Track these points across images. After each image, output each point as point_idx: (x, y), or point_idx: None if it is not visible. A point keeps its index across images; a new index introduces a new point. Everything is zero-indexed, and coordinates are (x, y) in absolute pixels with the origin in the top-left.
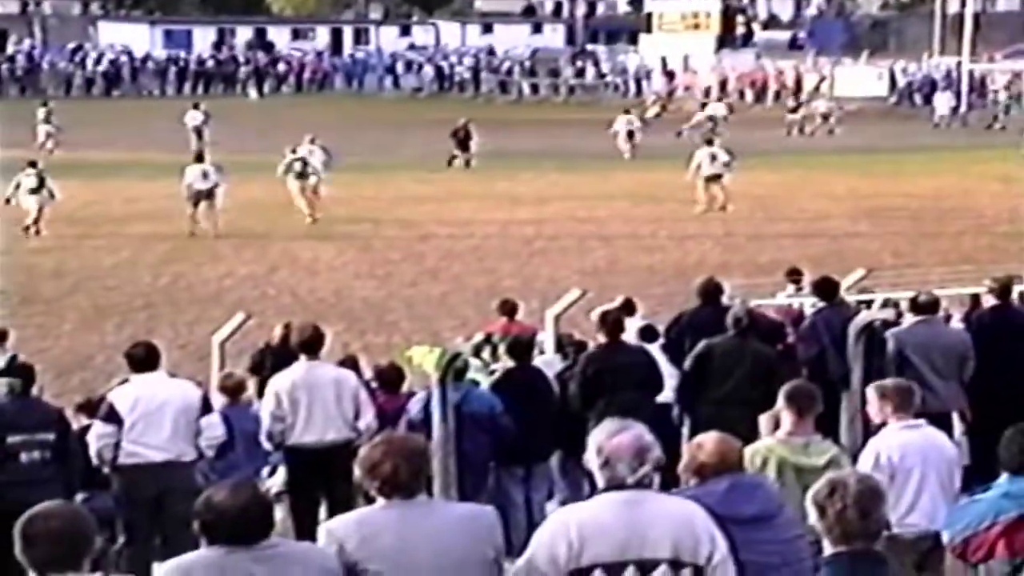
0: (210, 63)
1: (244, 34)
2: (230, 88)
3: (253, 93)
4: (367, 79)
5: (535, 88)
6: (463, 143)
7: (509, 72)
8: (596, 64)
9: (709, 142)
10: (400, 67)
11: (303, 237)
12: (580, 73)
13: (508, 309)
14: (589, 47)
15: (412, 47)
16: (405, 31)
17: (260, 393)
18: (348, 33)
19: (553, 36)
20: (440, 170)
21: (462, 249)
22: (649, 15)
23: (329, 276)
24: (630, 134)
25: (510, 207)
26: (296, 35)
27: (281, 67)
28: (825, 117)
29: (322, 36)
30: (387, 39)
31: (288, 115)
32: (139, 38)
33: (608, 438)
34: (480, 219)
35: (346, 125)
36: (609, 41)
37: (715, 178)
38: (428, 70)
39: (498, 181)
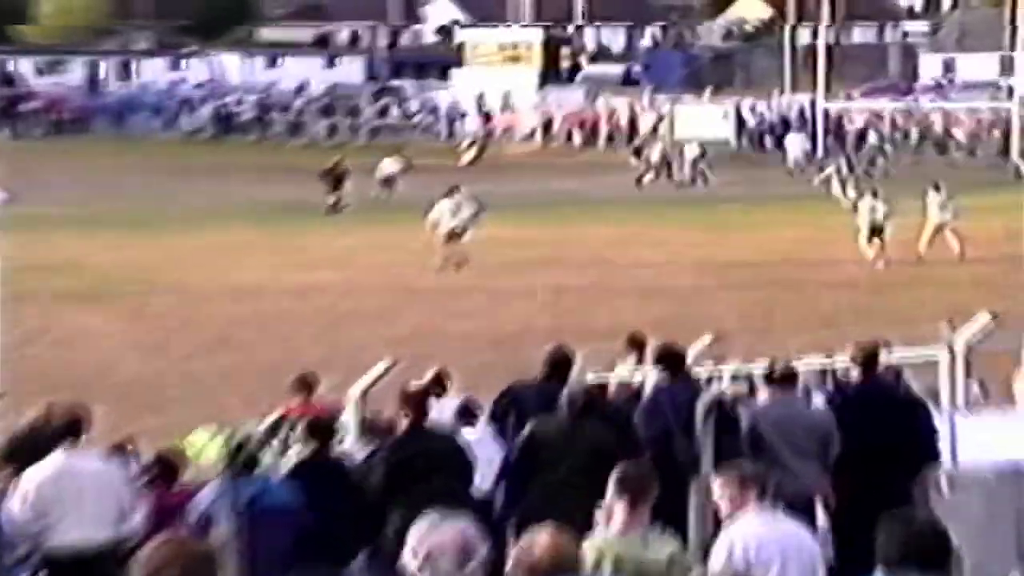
0: None
1: None
2: None
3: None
4: (133, 119)
5: (332, 129)
6: (337, 183)
7: (301, 112)
8: (402, 102)
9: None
10: (172, 106)
11: (64, 302)
12: (383, 112)
13: (305, 385)
14: (394, 82)
15: (184, 82)
16: (176, 64)
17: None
18: (110, 67)
19: (351, 70)
20: (225, 224)
21: (250, 315)
22: (461, 46)
23: (95, 347)
24: (387, 180)
25: (307, 267)
26: (44, 70)
27: (32, 104)
28: (695, 162)
29: (77, 70)
30: (155, 73)
31: (39, 160)
32: None
33: (428, 533)
34: (272, 280)
35: (110, 172)
36: (417, 76)
37: (457, 236)
38: (205, 109)
39: (292, 237)
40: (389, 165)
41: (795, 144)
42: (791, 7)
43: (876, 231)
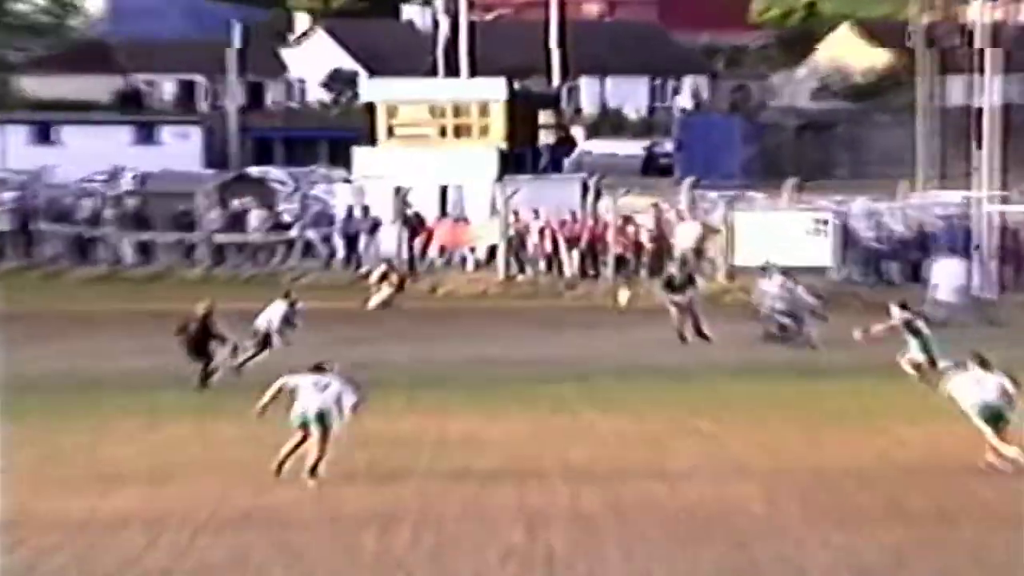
0: None
1: None
2: None
3: None
4: None
5: (144, 251)
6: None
7: (95, 219)
8: (268, 204)
9: None
10: None
11: None
12: (236, 222)
13: None
14: (254, 170)
15: None
16: None
17: None
18: None
19: (180, 149)
20: None
21: None
22: (370, 110)
23: None
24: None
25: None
26: None
27: None
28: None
29: None
30: None
31: None
32: None
33: None
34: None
35: None
36: (294, 159)
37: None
38: None
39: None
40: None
41: (947, 275)
42: (921, 50)
43: None
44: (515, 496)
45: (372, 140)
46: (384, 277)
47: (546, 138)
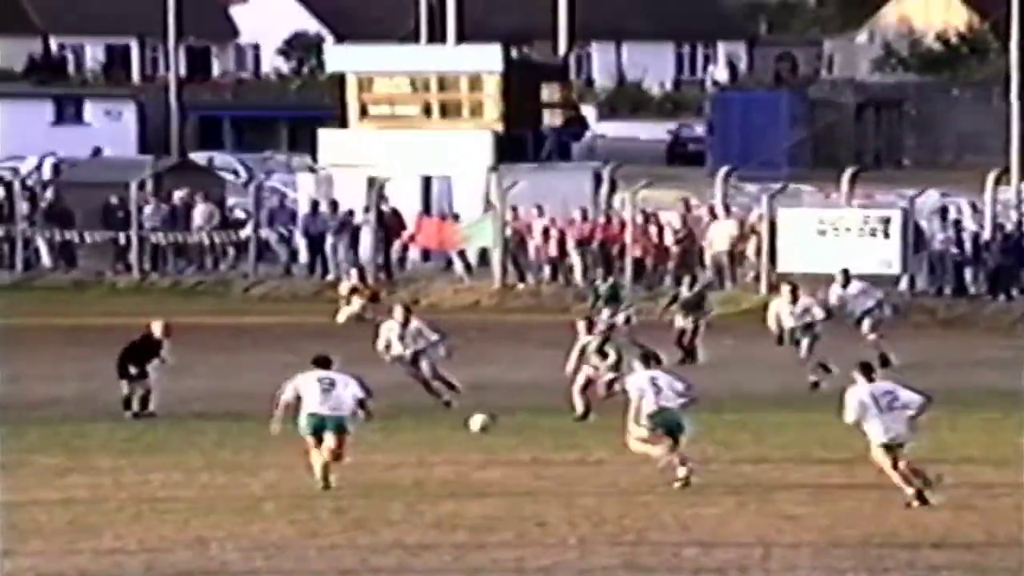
0: None
1: None
2: None
3: None
4: None
5: (65, 252)
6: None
7: (7, 213)
8: (215, 198)
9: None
10: None
11: None
12: (176, 218)
13: None
14: (199, 155)
15: None
16: None
17: None
18: None
19: (111, 129)
20: None
21: None
22: (339, 83)
23: None
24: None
25: None
26: None
27: None
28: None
29: None
30: None
31: None
32: None
33: None
34: None
35: None
36: (244, 143)
37: None
38: None
39: None
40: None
41: None
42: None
43: None
44: (513, 553)
45: (341, 120)
46: (355, 290)
47: (551, 118)
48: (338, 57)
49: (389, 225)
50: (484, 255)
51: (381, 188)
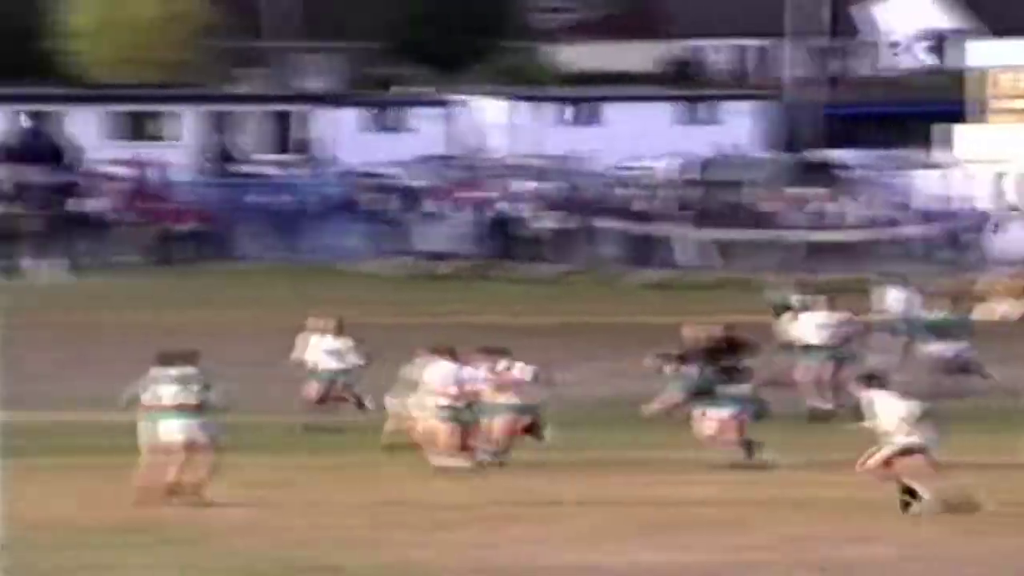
0: None
1: None
2: None
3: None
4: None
5: (719, 251)
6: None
7: (650, 212)
8: (847, 194)
9: None
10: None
11: None
12: (816, 218)
13: None
14: (828, 153)
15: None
16: (385, 122)
17: None
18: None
19: (735, 125)
20: None
21: None
22: (975, 79)
23: None
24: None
25: None
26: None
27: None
28: None
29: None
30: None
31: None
32: None
33: None
34: None
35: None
36: (875, 138)
37: None
38: (462, 215)
39: None
40: None
41: None
42: None
43: None
44: None
45: (972, 115)
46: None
47: None
48: (981, 52)
49: None
50: None
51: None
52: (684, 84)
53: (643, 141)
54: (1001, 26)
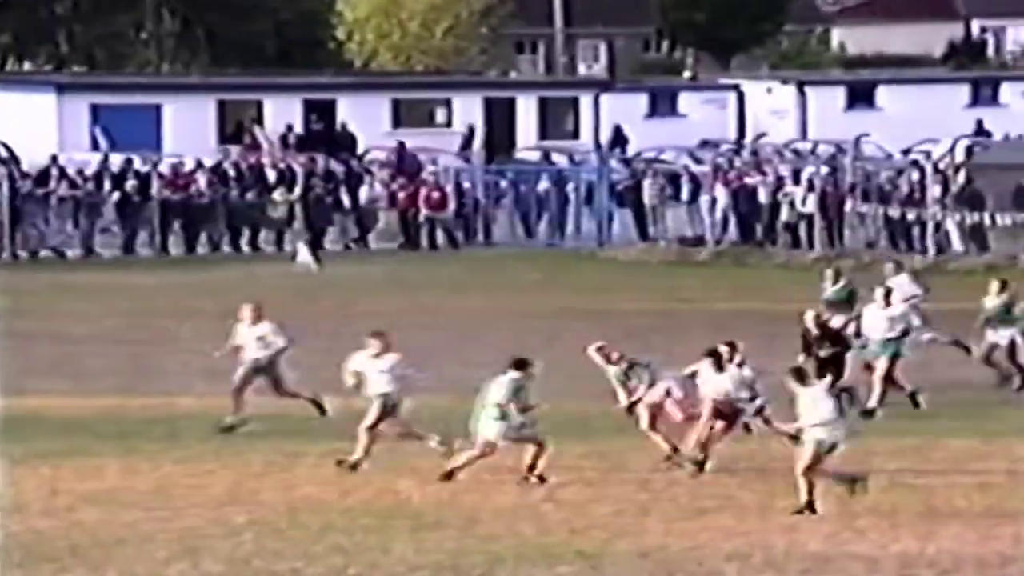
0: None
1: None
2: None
3: (304, 254)
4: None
5: (977, 235)
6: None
7: (917, 197)
8: None
9: None
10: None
11: None
12: None
13: None
14: None
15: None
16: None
17: None
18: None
19: None
20: None
21: None
22: None
23: None
24: None
25: None
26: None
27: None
28: None
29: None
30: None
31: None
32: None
33: None
34: None
35: None
36: None
37: None
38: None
39: None
40: None
41: None
42: None
43: None
44: None
45: None
46: None
47: None
48: None
49: None
50: None
51: None
52: (972, 66)
53: (927, 125)
54: None
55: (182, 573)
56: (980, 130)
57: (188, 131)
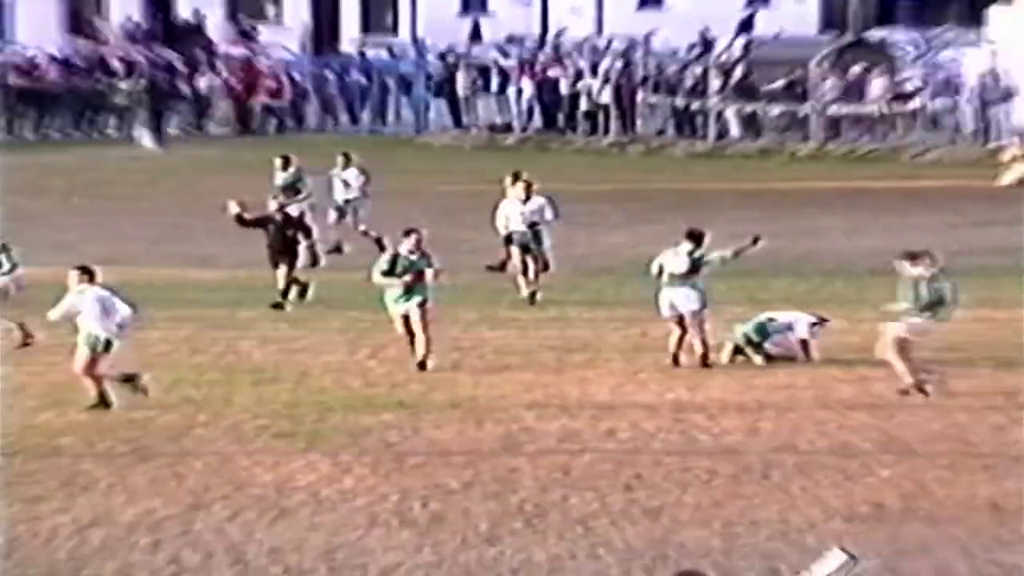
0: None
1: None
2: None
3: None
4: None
5: (751, 123)
6: None
7: (700, 89)
8: (890, 71)
9: None
10: (461, 77)
11: None
12: (852, 92)
13: None
14: (875, 33)
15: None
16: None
17: None
18: None
19: (796, 7)
20: None
21: None
22: None
23: None
24: None
25: None
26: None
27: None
28: None
29: None
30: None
31: None
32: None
33: None
34: None
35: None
36: (917, 22)
37: None
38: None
39: None
40: None
41: None
42: None
43: None
44: None
45: None
46: (1017, 154)
47: None
48: None
49: None
50: None
51: None
52: None
53: (709, 24)
54: None
55: (48, 422)
56: (744, 27)
57: (35, 23)
